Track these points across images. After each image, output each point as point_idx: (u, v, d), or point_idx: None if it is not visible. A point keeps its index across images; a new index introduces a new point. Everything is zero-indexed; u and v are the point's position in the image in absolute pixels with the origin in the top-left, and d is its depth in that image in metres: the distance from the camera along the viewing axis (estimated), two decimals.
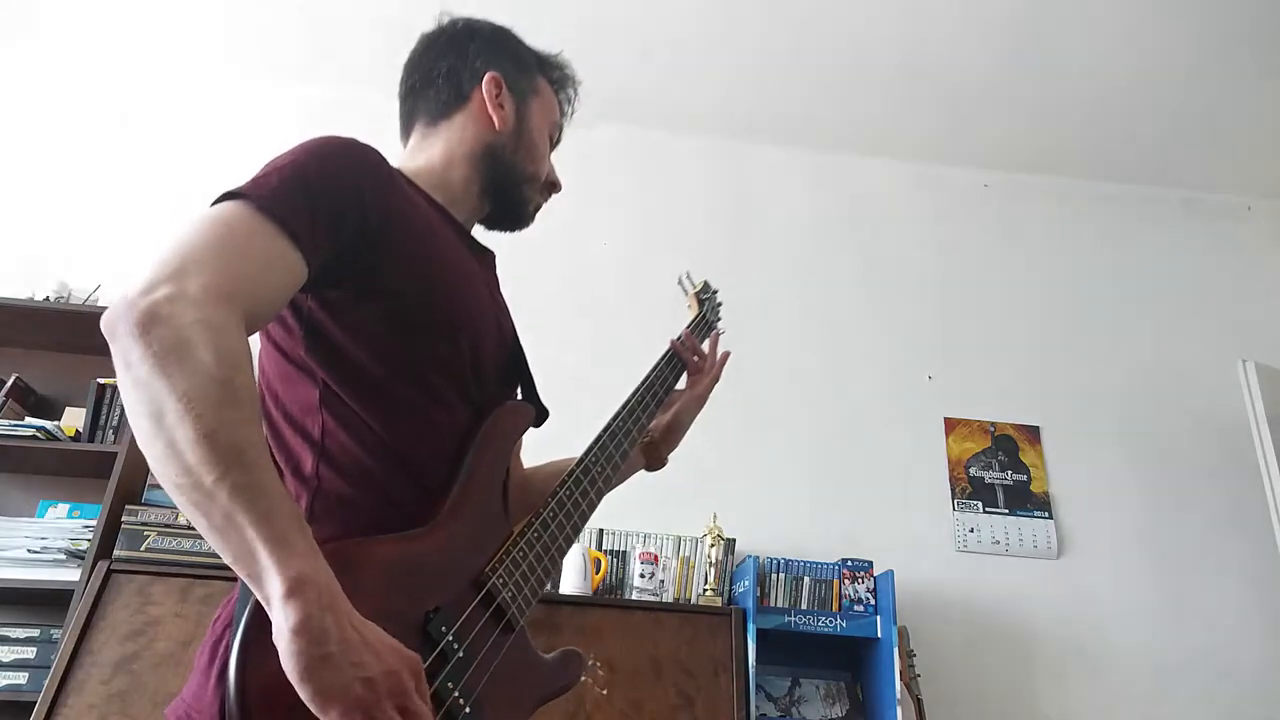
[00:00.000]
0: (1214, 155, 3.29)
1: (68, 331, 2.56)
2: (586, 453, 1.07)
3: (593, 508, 1.06)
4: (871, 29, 2.86)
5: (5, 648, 2.15)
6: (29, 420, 2.36)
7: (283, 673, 0.64)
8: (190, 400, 0.66)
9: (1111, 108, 3.10)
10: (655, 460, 1.28)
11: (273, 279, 0.78)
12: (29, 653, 2.15)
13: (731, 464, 2.79)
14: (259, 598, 0.66)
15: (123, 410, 2.41)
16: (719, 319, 1.52)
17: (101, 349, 2.41)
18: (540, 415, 1.08)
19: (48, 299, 2.56)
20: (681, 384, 1.34)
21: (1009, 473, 2.91)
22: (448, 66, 1.11)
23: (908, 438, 2.93)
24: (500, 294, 1.11)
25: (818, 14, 2.82)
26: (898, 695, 2.24)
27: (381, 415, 0.88)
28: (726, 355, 1.40)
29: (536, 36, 1.24)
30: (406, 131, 1.14)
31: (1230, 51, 2.85)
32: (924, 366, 3.05)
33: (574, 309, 2.92)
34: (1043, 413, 3.02)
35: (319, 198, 0.83)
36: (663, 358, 1.29)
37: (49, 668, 1.97)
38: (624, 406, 1.16)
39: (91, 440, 2.38)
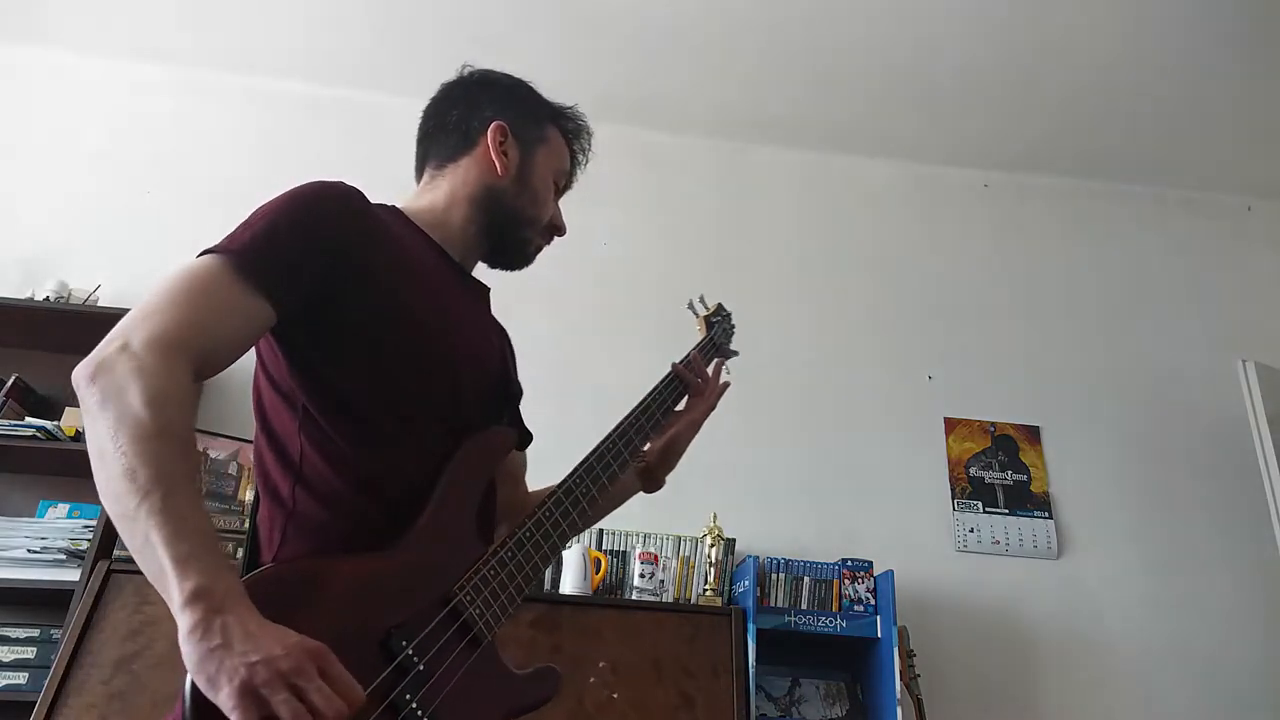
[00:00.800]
0: (1214, 155, 3.29)
1: (68, 331, 2.56)
2: (571, 474, 1.11)
3: (575, 529, 1.09)
4: (872, 29, 2.86)
5: (5, 648, 2.15)
6: (29, 420, 2.36)
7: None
8: (118, 437, 0.76)
9: (1111, 107, 3.10)
10: (651, 484, 1.32)
11: (230, 323, 0.87)
12: (29, 653, 2.15)
13: (731, 464, 2.79)
14: (172, 611, 0.72)
15: None
16: (729, 342, 1.50)
17: None
18: (523, 439, 1.14)
19: (48, 299, 2.56)
20: (680, 406, 1.33)
21: (1009, 473, 2.91)
22: (459, 114, 1.19)
23: (908, 438, 2.93)
24: (492, 324, 1.17)
25: (818, 15, 2.82)
26: (898, 695, 2.24)
27: (357, 441, 0.94)
28: (726, 385, 1.41)
29: (536, 37, 1.25)
30: (419, 172, 1.21)
31: (1230, 51, 2.85)
32: (924, 366, 3.05)
33: (574, 309, 2.92)
34: (1043, 413, 3.02)
35: (287, 248, 0.91)
36: (663, 380, 1.30)
37: (49, 668, 1.97)
38: (616, 429, 1.19)
39: None
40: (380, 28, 2.95)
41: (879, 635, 2.36)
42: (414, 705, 0.83)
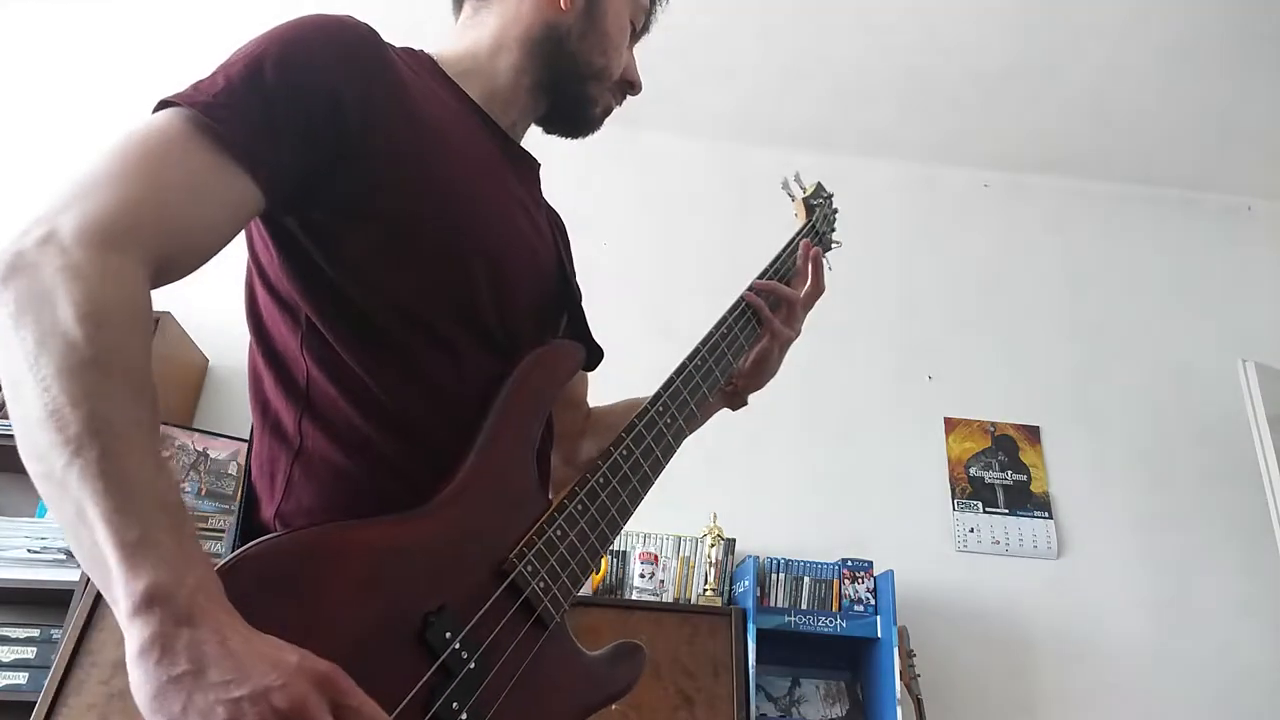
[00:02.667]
0: (1214, 155, 3.29)
1: None
2: (655, 400, 0.89)
3: (657, 470, 0.87)
4: (872, 31, 2.86)
5: (5, 648, 2.15)
6: None
7: None
8: (38, 366, 0.54)
9: (1112, 108, 3.10)
10: (737, 403, 1.14)
11: (204, 210, 0.64)
12: (29, 653, 2.14)
13: (731, 464, 2.79)
14: (116, 614, 0.53)
15: None
16: (832, 230, 1.26)
17: None
18: (593, 356, 0.90)
19: None
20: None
21: (1009, 473, 2.91)
22: None
23: (908, 438, 2.93)
24: (544, 213, 0.94)
25: (818, 16, 2.82)
26: (898, 695, 2.24)
27: (377, 365, 0.72)
28: (822, 290, 1.17)
29: None
30: (457, 5, 0.96)
31: (1230, 51, 2.85)
32: (924, 366, 3.05)
33: None
34: (1043, 413, 3.02)
35: (278, 103, 0.67)
36: (732, 311, 1.09)
37: (49, 668, 1.96)
38: (700, 349, 0.98)
39: None
40: (380, 28, 2.95)
41: (879, 635, 2.36)
42: (464, 717, 0.64)
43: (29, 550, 2.22)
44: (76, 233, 0.58)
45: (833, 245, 1.26)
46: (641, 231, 3.16)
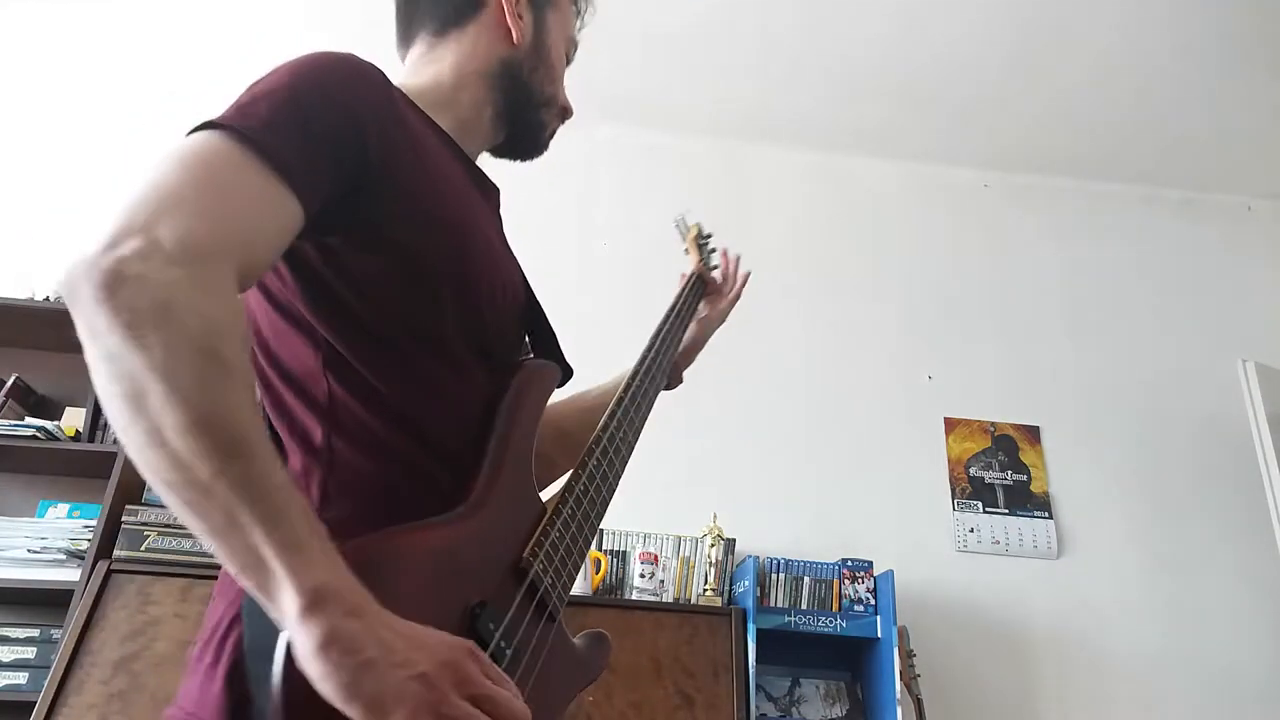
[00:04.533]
0: (1214, 155, 3.29)
1: (68, 331, 2.48)
2: (613, 411, 0.98)
3: (624, 465, 0.97)
4: (872, 30, 2.86)
5: (5, 648, 2.15)
6: (29, 420, 2.36)
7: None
8: (176, 378, 0.55)
9: (1111, 108, 3.10)
10: (674, 381, 1.25)
11: (265, 226, 0.66)
12: (29, 653, 2.15)
13: (731, 464, 2.79)
14: (273, 615, 0.57)
15: None
16: (716, 268, 1.49)
17: None
18: (565, 374, 0.98)
19: (48, 299, 2.56)
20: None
21: (1009, 473, 2.91)
22: None
23: (908, 438, 2.93)
24: (505, 235, 0.99)
25: (819, 15, 2.82)
26: (898, 695, 2.24)
27: (395, 380, 0.77)
28: (747, 275, 1.39)
29: None
30: (406, 40, 1.01)
31: (1230, 52, 2.85)
32: (924, 366, 3.05)
33: (574, 310, 2.91)
34: (1043, 413, 3.02)
35: (314, 128, 0.71)
36: (685, 287, 1.28)
37: (49, 668, 1.97)
38: (651, 345, 1.10)
39: (91, 440, 2.38)
40: (380, 28, 2.95)
41: (879, 635, 2.36)
42: None
43: (29, 550, 2.22)
44: (179, 245, 0.58)
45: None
46: (641, 231, 3.16)
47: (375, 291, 0.76)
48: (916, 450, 2.92)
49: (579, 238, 2.99)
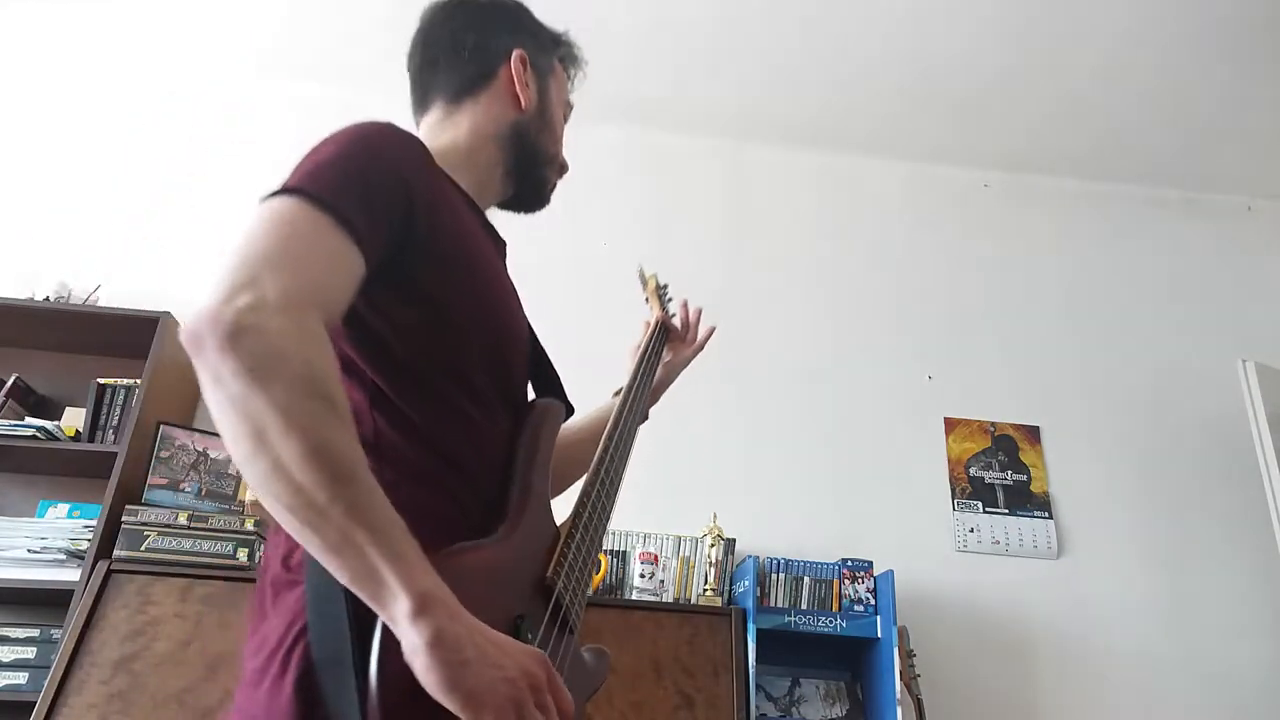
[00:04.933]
0: (1214, 155, 3.29)
1: (68, 331, 2.56)
2: (608, 439, 1.08)
3: (617, 492, 1.07)
4: (873, 30, 2.86)
5: (5, 648, 2.15)
6: (29, 420, 2.36)
7: (417, 686, 0.64)
8: (292, 414, 0.64)
9: (1111, 108, 3.10)
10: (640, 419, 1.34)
11: (339, 280, 0.75)
12: (29, 653, 2.15)
13: (731, 464, 2.79)
14: (384, 617, 0.65)
15: (123, 410, 2.41)
16: (674, 316, 1.59)
17: (101, 349, 2.41)
18: (568, 411, 1.08)
19: (48, 299, 2.56)
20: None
21: (1009, 473, 2.91)
22: (474, 41, 1.08)
23: (908, 438, 2.93)
24: (513, 283, 1.07)
25: (820, 15, 2.82)
26: (898, 695, 2.24)
27: (432, 418, 0.85)
28: (712, 329, 1.49)
29: None
30: (422, 106, 1.10)
31: (1230, 52, 2.85)
32: (924, 366, 3.05)
33: (574, 309, 2.92)
34: (1043, 413, 3.02)
35: (373, 192, 0.80)
36: (651, 335, 1.39)
37: (49, 668, 1.97)
38: (631, 386, 1.21)
39: (91, 440, 2.38)
40: (380, 28, 2.95)
41: (879, 635, 2.36)
42: None
43: (29, 550, 2.22)
44: (282, 298, 0.67)
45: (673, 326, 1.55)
46: (641, 231, 3.16)
47: (415, 338, 0.85)
48: (916, 450, 2.92)
49: (579, 238, 2.99)
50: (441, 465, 0.84)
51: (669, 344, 1.46)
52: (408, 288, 0.84)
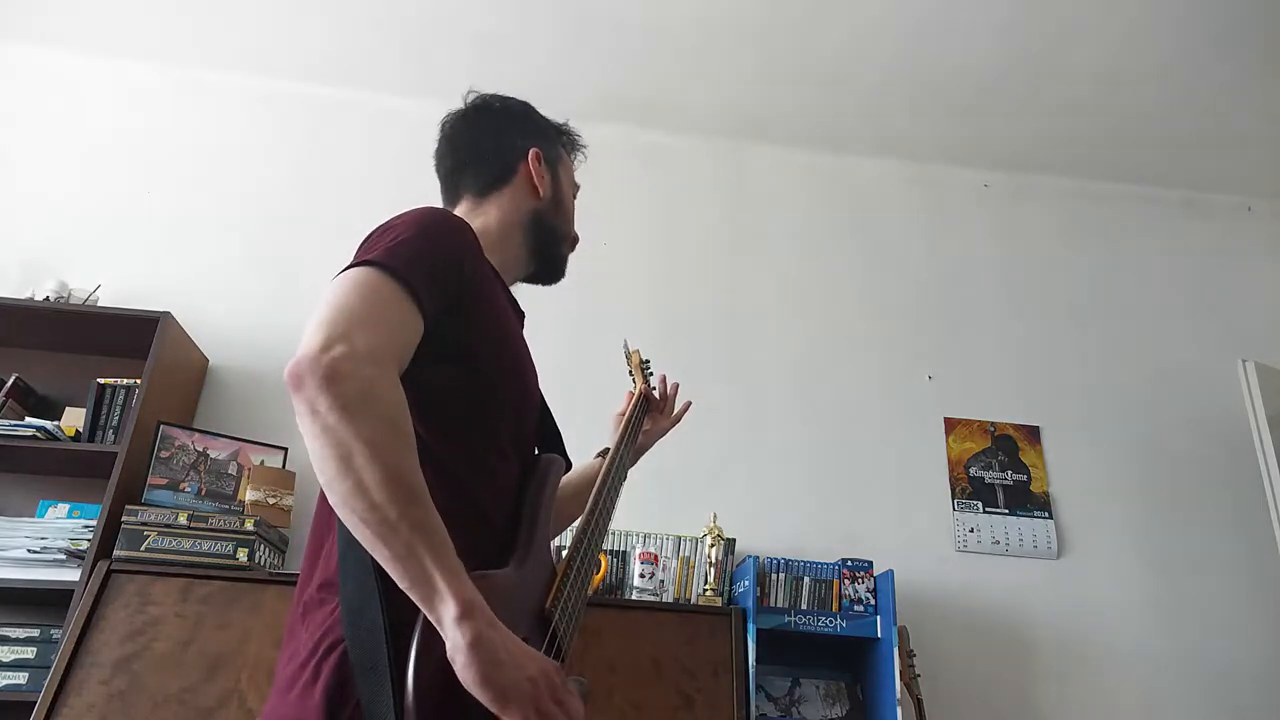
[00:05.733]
0: (1214, 155, 3.29)
1: (68, 331, 2.56)
2: (598, 493, 1.19)
3: (604, 537, 1.20)
4: (873, 29, 2.86)
5: (5, 648, 2.15)
6: (29, 420, 2.36)
7: (446, 687, 0.75)
8: (375, 445, 0.78)
9: (1111, 108, 3.10)
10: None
11: (407, 340, 0.90)
12: (29, 653, 2.15)
13: (731, 464, 2.79)
14: (430, 618, 0.76)
15: (123, 410, 2.41)
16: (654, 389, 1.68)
17: (101, 349, 2.41)
18: (568, 467, 1.22)
19: (48, 299, 2.56)
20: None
21: (1009, 473, 2.91)
22: (495, 145, 1.26)
23: (908, 438, 2.93)
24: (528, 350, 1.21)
25: (819, 14, 2.82)
26: (898, 695, 2.24)
27: (462, 465, 0.96)
28: (688, 404, 1.64)
29: (537, 37, 1.26)
30: (453, 200, 1.26)
31: (1230, 52, 2.85)
32: (924, 366, 3.05)
33: (574, 310, 2.92)
34: (1043, 413, 3.02)
35: (437, 271, 0.95)
36: (634, 404, 1.51)
37: (49, 668, 1.97)
38: (617, 446, 1.34)
39: (91, 440, 2.38)
40: (381, 28, 2.95)
41: (879, 635, 2.36)
42: None
43: (29, 550, 2.22)
44: (370, 352, 0.82)
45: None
46: (641, 231, 3.16)
47: (452, 395, 0.98)
48: (916, 450, 2.92)
49: (579, 237, 2.99)
50: (465, 511, 0.94)
51: (650, 414, 1.58)
52: (449, 349, 0.97)
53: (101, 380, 2.44)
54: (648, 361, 1.75)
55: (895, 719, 2.22)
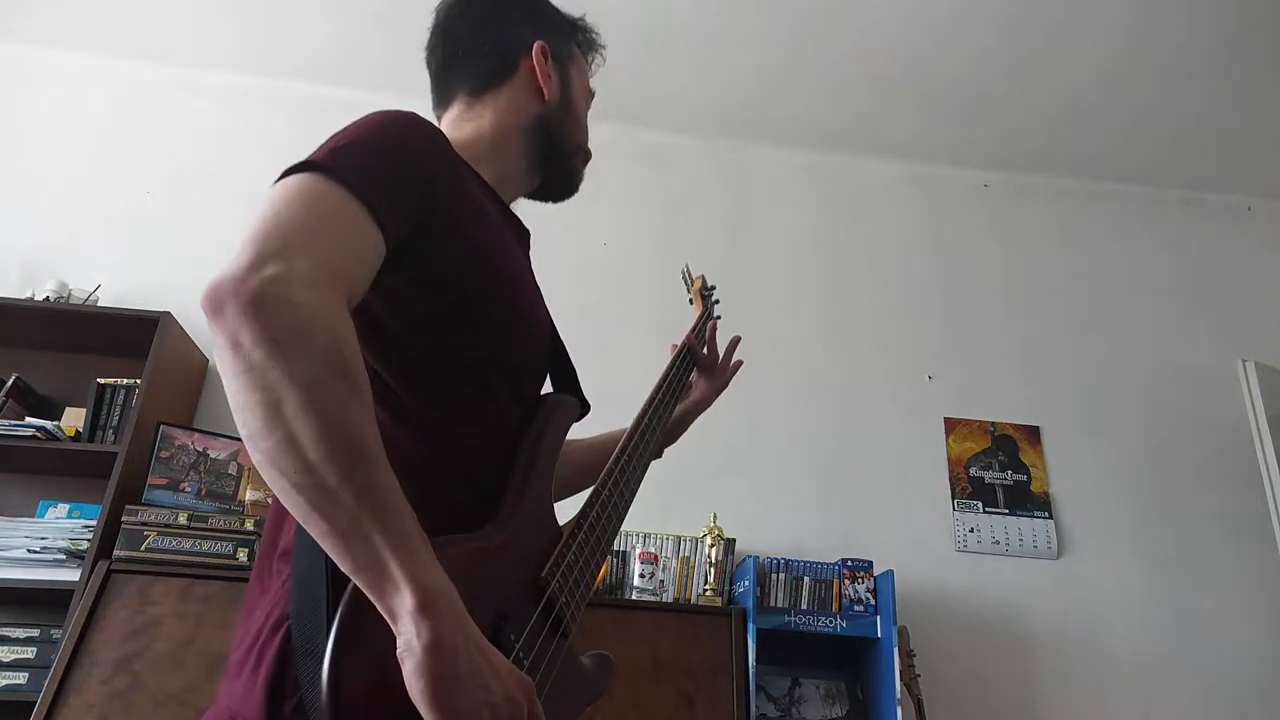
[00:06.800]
0: (1214, 155, 3.29)
1: (68, 331, 2.56)
2: (621, 451, 1.04)
3: (628, 508, 1.03)
4: (873, 29, 2.86)
5: (5, 648, 2.15)
6: (29, 420, 2.36)
7: (379, 681, 0.62)
8: (312, 390, 0.62)
9: (1111, 108, 3.10)
10: (654, 455, 1.27)
11: (361, 262, 0.73)
12: (29, 653, 2.15)
13: (731, 464, 2.79)
14: (382, 611, 0.62)
15: (123, 410, 2.41)
16: (718, 317, 1.52)
17: (101, 349, 2.41)
18: (583, 409, 1.05)
19: (48, 299, 2.56)
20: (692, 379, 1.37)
21: (1009, 473, 2.91)
22: (495, 35, 1.06)
23: (908, 438, 2.93)
24: (534, 275, 1.05)
25: (819, 14, 2.82)
26: (898, 695, 2.24)
27: (435, 410, 0.82)
28: (740, 364, 1.41)
29: None
30: (444, 101, 1.07)
31: (1231, 52, 2.85)
32: (924, 366, 3.05)
33: (574, 310, 2.90)
34: (1043, 413, 3.02)
35: (397, 176, 0.78)
36: (677, 357, 1.30)
37: (49, 668, 1.97)
38: (649, 404, 1.16)
39: (91, 440, 2.38)
40: (381, 28, 2.95)
41: (879, 635, 2.36)
42: None
43: (29, 550, 2.22)
44: (312, 272, 0.66)
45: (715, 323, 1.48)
46: (641, 231, 3.16)
47: (425, 326, 0.83)
48: (916, 450, 2.92)
49: (579, 237, 2.99)
50: (440, 464, 0.81)
51: (699, 374, 1.37)
52: (419, 278, 0.82)
53: (101, 380, 2.44)
54: (713, 288, 1.54)
55: (895, 719, 2.22)
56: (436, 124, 1.03)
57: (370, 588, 0.62)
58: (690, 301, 1.53)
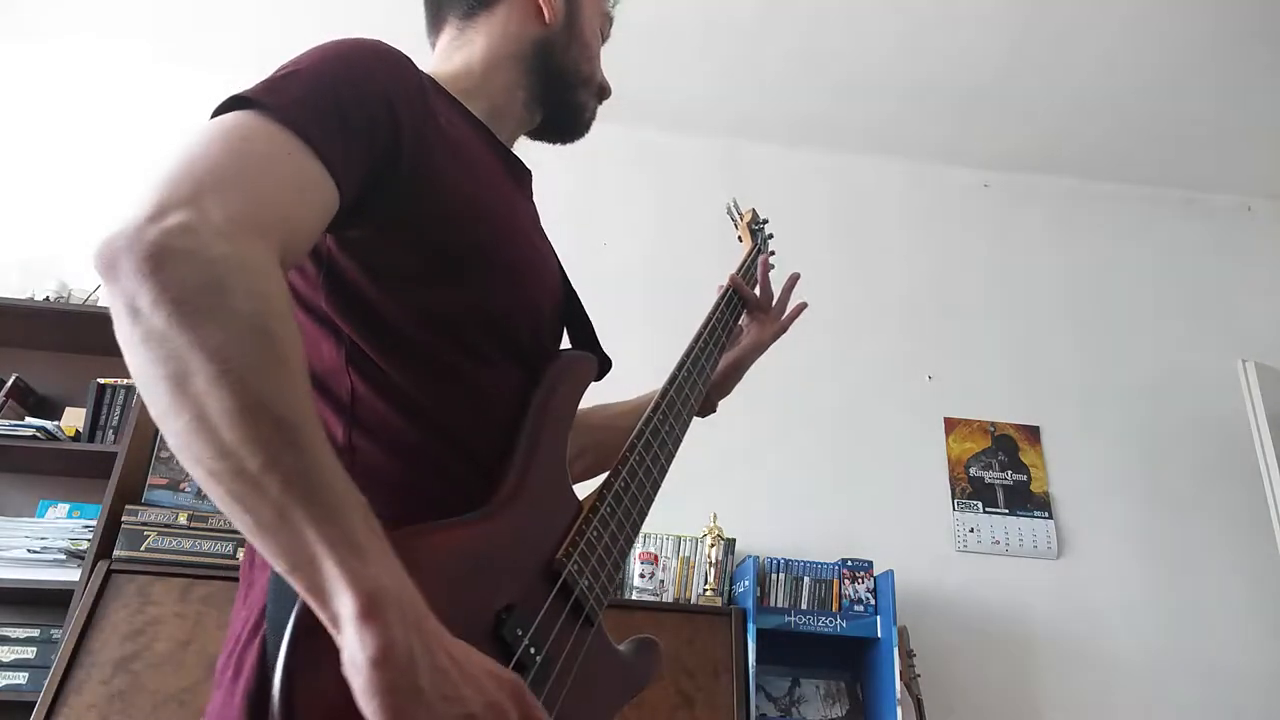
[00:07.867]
0: (1214, 155, 3.29)
1: (68, 331, 2.56)
2: (655, 410, 0.92)
3: (664, 473, 0.91)
4: (873, 30, 2.86)
5: (5, 648, 2.15)
6: (29, 420, 2.36)
7: (339, 694, 0.51)
8: (226, 359, 0.51)
9: (1111, 107, 3.10)
10: (706, 408, 1.16)
11: (305, 211, 0.63)
12: (29, 653, 2.14)
13: (731, 464, 2.79)
14: (323, 616, 0.52)
15: (123, 410, 2.41)
16: (772, 254, 1.37)
17: (102, 349, 2.40)
18: (603, 366, 0.92)
19: (48, 299, 2.56)
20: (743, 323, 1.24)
21: (1009, 473, 2.91)
22: None
23: (908, 438, 2.93)
24: (540, 224, 0.94)
25: (819, 14, 2.82)
26: (898, 695, 2.24)
27: (419, 377, 0.73)
28: (802, 306, 1.26)
29: None
30: (435, 27, 0.98)
31: (1231, 52, 2.85)
32: (924, 366, 3.05)
33: None
34: (1043, 413, 3.02)
35: (349, 112, 0.67)
36: (721, 298, 1.17)
37: (49, 668, 1.97)
38: (687, 356, 1.02)
39: (91, 440, 2.38)
40: (381, 28, 2.95)
41: (879, 635, 2.36)
42: None
43: (29, 550, 2.22)
44: (228, 221, 0.55)
45: (772, 266, 1.33)
46: (641, 230, 3.16)
47: (400, 285, 0.73)
48: (916, 450, 2.92)
49: (579, 237, 2.99)
50: (427, 432, 0.72)
51: (749, 317, 1.22)
52: (394, 225, 0.72)
53: (101, 380, 2.44)
54: (765, 221, 1.39)
55: (895, 719, 2.22)
56: (430, 54, 0.95)
57: (307, 591, 0.52)
58: (739, 239, 1.38)
